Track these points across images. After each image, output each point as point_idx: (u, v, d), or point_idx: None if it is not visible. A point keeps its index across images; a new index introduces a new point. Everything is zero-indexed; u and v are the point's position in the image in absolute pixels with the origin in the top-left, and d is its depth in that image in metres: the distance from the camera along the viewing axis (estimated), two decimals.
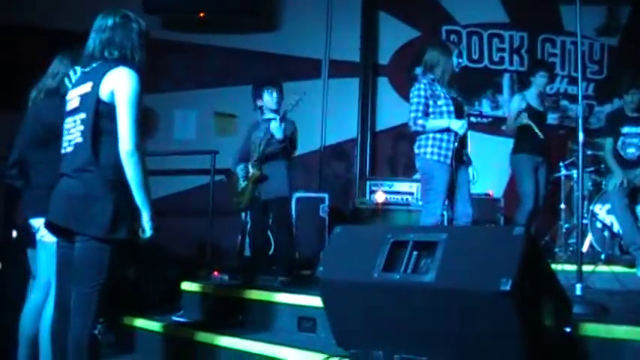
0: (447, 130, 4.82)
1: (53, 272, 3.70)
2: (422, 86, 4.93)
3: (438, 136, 4.83)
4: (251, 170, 5.42)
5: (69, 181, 3.10)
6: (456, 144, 4.83)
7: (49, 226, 3.22)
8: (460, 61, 5.07)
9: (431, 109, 4.88)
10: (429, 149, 4.85)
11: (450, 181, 4.81)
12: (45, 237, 3.71)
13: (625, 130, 5.59)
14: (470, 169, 5.04)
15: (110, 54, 3.14)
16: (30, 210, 3.82)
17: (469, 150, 5.11)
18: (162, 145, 7.67)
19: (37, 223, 3.75)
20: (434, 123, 4.85)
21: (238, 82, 7.92)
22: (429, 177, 4.86)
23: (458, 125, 4.80)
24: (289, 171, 5.52)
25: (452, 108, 4.85)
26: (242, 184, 5.49)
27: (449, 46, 5.18)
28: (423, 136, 4.90)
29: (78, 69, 3.79)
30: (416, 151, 4.98)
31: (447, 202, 4.90)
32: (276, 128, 5.25)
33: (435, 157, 4.82)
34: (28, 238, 3.95)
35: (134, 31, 3.20)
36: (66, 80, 3.81)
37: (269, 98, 5.51)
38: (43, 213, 3.63)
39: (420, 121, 4.86)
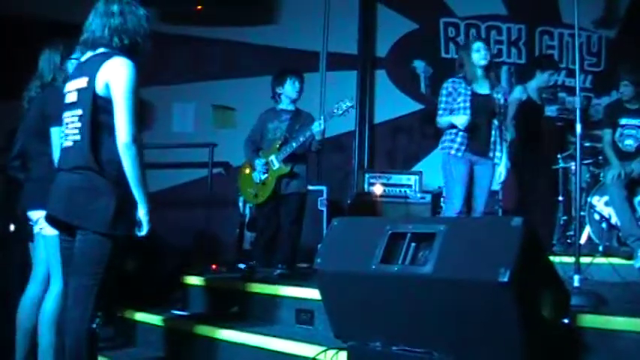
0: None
1: (52, 265, 3.71)
2: (445, 85, 5.10)
3: (452, 131, 5.00)
4: (277, 164, 5.35)
5: (69, 175, 3.07)
6: (466, 135, 4.93)
7: (50, 219, 3.20)
8: (484, 52, 5.06)
9: (454, 106, 5.01)
10: (445, 144, 5.04)
11: (466, 174, 4.95)
12: (44, 229, 3.71)
13: (623, 121, 5.58)
14: (499, 168, 5.09)
15: (120, 41, 3.08)
16: (29, 202, 3.82)
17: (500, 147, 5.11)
18: (161, 137, 7.65)
19: (36, 215, 3.75)
20: (443, 119, 5.04)
21: (237, 75, 7.93)
22: (445, 171, 5.05)
23: (460, 120, 4.90)
24: (307, 168, 5.53)
25: (468, 104, 4.95)
26: (262, 177, 5.42)
27: (469, 42, 5.36)
28: (443, 133, 5.08)
29: (70, 63, 3.81)
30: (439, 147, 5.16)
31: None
32: (319, 132, 5.20)
33: (447, 151, 5.00)
34: (27, 230, 3.95)
35: (143, 17, 3.16)
36: (59, 72, 3.81)
37: (290, 87, 5.48)
38: (42, 205, 3.64)
39: (437, 119, 5.08)
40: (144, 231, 3.14)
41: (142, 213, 3.11)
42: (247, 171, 5.56)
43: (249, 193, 5.55)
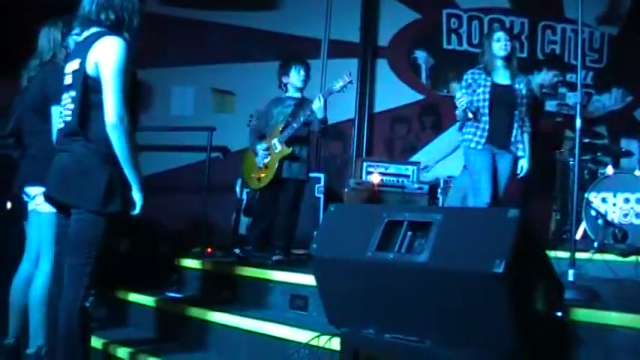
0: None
1: (43, 242, 3.71)
2: (464, 77, 5.09)
3: (470, 123, 5.00)
4: (279, 147, 5.33)
5: (62, 155, 3.11)
6: (486, 128, 4.93)
7: (48, 199, 3.23)
8: (505, 43, 5.04)
9: (474, 98, 4.99)
10: (466, 136, 5.05)
11: (488, 165, 4.96)
12: (39, 206, 3.71)
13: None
14: (521, 161, 5.11)
15: (107, 18, 3.07)
16: (26, 178, 3.81)
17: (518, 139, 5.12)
18: (159, 120, 7.62)
19: (33, 191, 3.75)
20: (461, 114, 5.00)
21: (237, 60, 7.90)
22: (468, 164, 5.10)
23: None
24: (309, 155, 5.52)
25: (487, 96, 4.95)
26: (265, 160, 5.39)
27: (492, 31, 5.25)
28: (464, 126, 5.08)
29: (71, 39, 3.79)
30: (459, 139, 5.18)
31: None
32: (319, 109, 5.12)
33: (466, 144, 5.03)
34: (24, 208, 3.95)
35: None
36: (59, 49, 3.80)
37: (296, 76, 5.46)
38: (40, 181, 3.64)
39: (456, 112, 5.02)
40: (137, 210, 3.15)
41: (134, 191, 3.12)
42: (251, 157, 5.54)
43: (252, 178, 5.52)
